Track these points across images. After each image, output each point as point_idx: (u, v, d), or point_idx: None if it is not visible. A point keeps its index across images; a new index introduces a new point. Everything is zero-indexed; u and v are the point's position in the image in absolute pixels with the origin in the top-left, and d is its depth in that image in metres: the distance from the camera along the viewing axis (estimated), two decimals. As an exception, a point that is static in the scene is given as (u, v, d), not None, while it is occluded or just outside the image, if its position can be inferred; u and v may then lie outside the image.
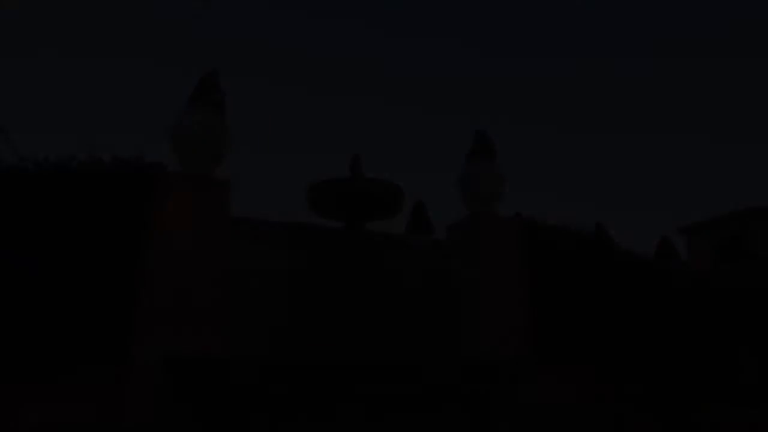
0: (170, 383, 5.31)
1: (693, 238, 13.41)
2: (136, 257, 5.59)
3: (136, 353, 5.38)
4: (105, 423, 5.35)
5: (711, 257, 12.57)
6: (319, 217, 9.49)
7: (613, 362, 8.41)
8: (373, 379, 4.55)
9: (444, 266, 6.91)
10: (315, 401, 4.59)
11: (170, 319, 5.54)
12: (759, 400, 7.14)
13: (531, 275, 7.74)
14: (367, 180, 6.63)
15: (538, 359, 7.12)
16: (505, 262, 7.54)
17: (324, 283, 5.93)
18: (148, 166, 5.93)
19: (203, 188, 6.14)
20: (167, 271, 5.69)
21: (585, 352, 8.12)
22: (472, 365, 5.49)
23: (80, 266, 5.32)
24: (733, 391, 8.03)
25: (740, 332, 9.01)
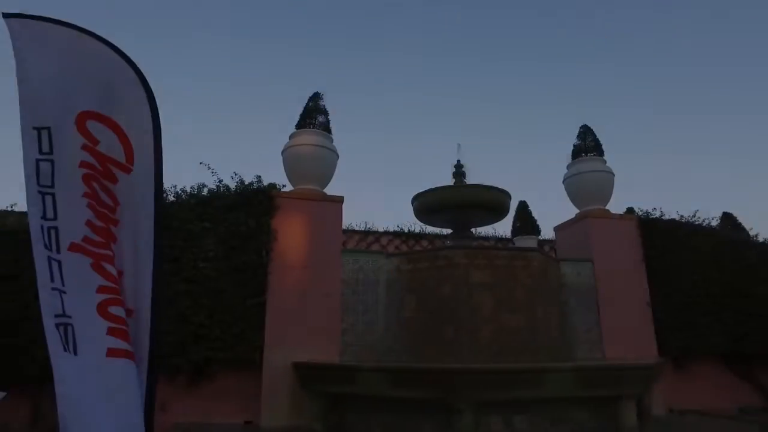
0: (300, 384, 5.70)
1: None
2: (261, 270, 6.09)
3: (266, 359, 5.84)
4: (242, 419, 5.87)
5: None
6: (425, 225, 9.66)
7: (758, 369, 7.59)
8: (497, 384, 4.55)
9: (549, 267, 6.70)
10: (437, 405, 4.68)
11: (293, 328, 5.95)
12: None
13: (651, 273, 7.27)
14: (474, 186, 6.67)
15: (669, 362, 6.62)
16: (622, 261, 7.16)
17: (432, 289, 6.02)
18: (266, 187, 6.43)
19: (314, 205, 6.54)
20: (287, 282, 6.14)
21: (724, 357, 7.42)
22: (595, 369, 5.28)
23: (217, 282, 5.90)
24: None
25: None
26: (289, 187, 6.76)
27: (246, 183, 6.50)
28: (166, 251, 5.87)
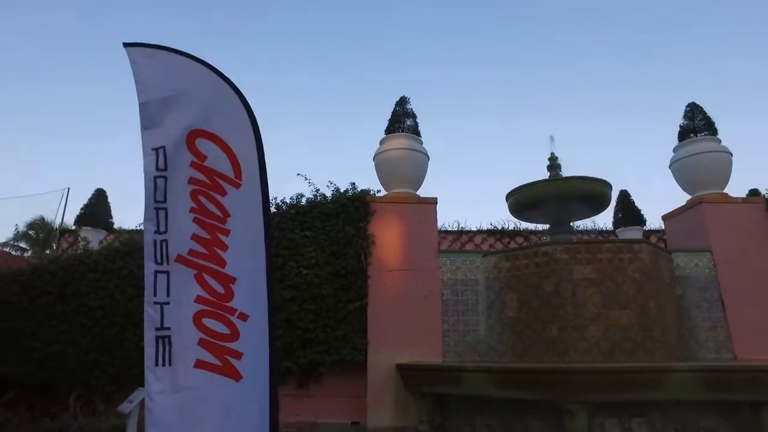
0: (404, 385, 5.77)
1: None
2: (361, 275, 6.26)
3: (370, 362, 5.98)
4: (349, 420, 6.06)
5: None
6: (520, 222, 9.40)
7: None
8: (611, 385, 4.31)
9: (660, 259, 6.19)
10: (546, 406, 4.53)
11: (394, 330, 6.05)
12: None
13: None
14: (571, 179, 6.37)
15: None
16: (749, 249, 6.46)
17: (534, 286, 5.82)
18: (361, 193, 6.62)
19: (409, 208, 6.60)
20: (387, 285, 6.25)
21: None
22: (724, 370, 4.80)
23: (319, 287, 6.17)
24: None
25: None
26: (383, 192, 6.89)
27: (342, 191, 6.72)
28: (272, 260, 6.24)
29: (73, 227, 10.83)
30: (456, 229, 10.82)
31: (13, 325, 6.26)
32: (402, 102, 7.27)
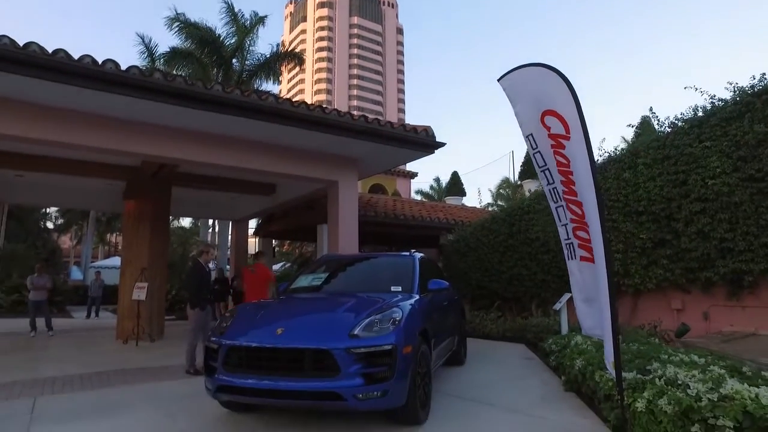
0: None
1: None
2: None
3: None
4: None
5: None
6: None
7: None
8: None
9: None
10: None
11: None
12: None
13: None
14: None
15: None
16: None
17: None
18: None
19: None
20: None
21: None
22: None
23: (730, 196, 5.94)
24: None
25: None
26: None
27: (745, 88, 6.10)
28: (671, 177, 6.49)
29: (519, 182, 13.49)
30: None
31: (488, 257, 8.93)
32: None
